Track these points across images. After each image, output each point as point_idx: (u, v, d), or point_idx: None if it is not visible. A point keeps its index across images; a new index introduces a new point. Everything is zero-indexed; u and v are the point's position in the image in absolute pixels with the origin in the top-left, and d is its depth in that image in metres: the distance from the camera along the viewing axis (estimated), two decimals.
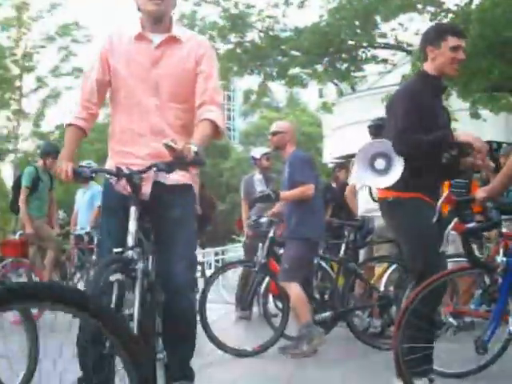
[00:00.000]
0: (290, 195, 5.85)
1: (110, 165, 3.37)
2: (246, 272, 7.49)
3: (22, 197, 7.91)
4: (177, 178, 3.25)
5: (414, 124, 3.82)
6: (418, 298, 3.52)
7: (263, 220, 6.41)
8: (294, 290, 5.65)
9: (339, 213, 7.94)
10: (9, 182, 28.86)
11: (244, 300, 6.14)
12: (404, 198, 3.93)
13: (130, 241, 2.97)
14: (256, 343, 5.70)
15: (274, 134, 6.02)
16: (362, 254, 6.86)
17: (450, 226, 3.40)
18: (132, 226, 3.01)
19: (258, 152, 8.84)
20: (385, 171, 3.85)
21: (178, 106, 3.32)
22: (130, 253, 2.92)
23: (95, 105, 3.38)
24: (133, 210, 3.03)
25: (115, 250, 2.94)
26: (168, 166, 3.02)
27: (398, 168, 3.83)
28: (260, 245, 6.06)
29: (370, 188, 6.30)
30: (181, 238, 3.28)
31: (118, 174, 3.12)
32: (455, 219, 3.41)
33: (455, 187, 6.70)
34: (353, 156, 5.92)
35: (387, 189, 3.98)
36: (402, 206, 3.94)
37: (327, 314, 6.00)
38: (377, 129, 6.55)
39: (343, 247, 6.32)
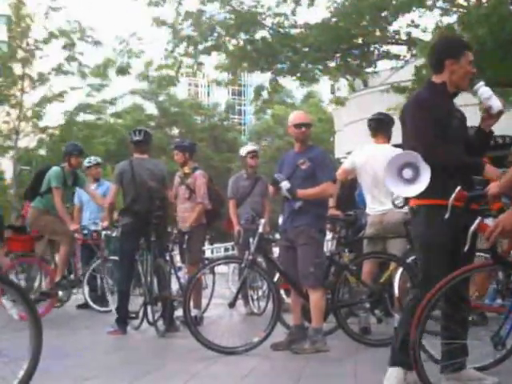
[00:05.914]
0: (311, 194, 5.70)
1: None
2: None
3: (57, 198, 8.02)
4: None
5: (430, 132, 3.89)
6: (437, 295, 3.48)
7: (249, 216, 6.49)
8: (318, 296, 5.68)
9: (350, 207, 7.86)
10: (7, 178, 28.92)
11: (234, 296, 6.01)
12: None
13: None
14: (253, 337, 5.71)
15: (308, 125, 5.87)
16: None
17: (474, 226, 3.38)
18: None
19: (243, 150, 8.67)
20: (412, 180, 3.89)
21: None
22: None
23: None
24: None
25: None
26: None
27: (425, 177, 3.85)
28: (251, 240, 5.95)
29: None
30: None
31: None
32: (479, 218, 3.37)
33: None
34: None
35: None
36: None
37: None
38: (377, 123, 6.58)
39: (335, 243, 6.25)
